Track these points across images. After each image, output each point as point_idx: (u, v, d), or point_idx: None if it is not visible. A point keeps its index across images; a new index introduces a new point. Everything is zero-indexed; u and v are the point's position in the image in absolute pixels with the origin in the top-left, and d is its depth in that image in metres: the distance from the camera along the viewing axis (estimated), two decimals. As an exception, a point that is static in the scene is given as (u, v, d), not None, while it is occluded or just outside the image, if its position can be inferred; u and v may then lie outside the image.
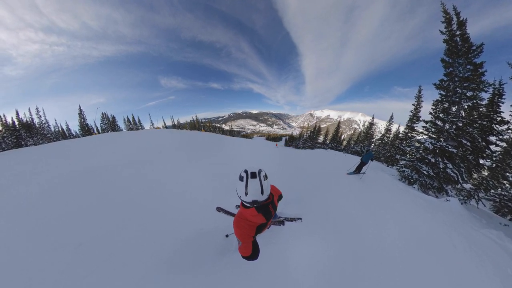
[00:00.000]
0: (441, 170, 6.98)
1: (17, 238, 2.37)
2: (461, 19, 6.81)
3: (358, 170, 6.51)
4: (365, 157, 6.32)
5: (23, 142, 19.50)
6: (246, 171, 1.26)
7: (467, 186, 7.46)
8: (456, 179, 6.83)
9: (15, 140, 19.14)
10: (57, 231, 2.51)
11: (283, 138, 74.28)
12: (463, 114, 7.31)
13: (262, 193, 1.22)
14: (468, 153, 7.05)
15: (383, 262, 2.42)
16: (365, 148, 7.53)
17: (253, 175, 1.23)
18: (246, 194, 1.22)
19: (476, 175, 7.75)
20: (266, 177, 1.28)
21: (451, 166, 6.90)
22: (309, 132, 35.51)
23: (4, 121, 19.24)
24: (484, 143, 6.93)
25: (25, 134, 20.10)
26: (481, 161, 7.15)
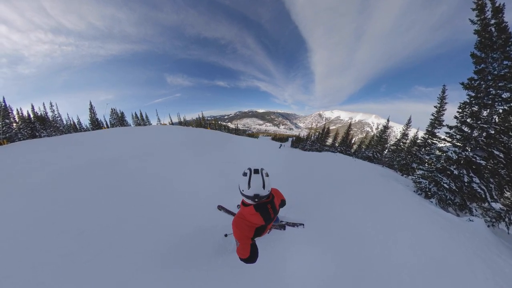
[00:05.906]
0: (465, 184, 6.07)
1: (26, 221, 2.48)
2: (497, 4, 5.71)
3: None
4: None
5: (37, 134, 20.49)
6: (249, 168, 1.38)
7: (497, 206, 6.48)
8: (483, 196, 5.88)
9: (30, 132, 20.16)
10: (62, 218, 2.62)
11: (290, 139, 73.11)
12: (497, 120, 6.31)
13: (263, 187, 1.32)
14: (501, 166, 6.05)
15: (389, 283, 2.19)
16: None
17: (256, 171, 1.36)
18: (249, 187, 1.30)
19: (509, 193, 6.69)
20: (267, 175, 1.41)
21: (478, 181, 5.97)
22: (317, 133, 34.44)
23: (20, 114, 20.32)
24: (521, 155, 5.87)
25: (39, 126, 21.12)
26: (517, 177, 6.10)
